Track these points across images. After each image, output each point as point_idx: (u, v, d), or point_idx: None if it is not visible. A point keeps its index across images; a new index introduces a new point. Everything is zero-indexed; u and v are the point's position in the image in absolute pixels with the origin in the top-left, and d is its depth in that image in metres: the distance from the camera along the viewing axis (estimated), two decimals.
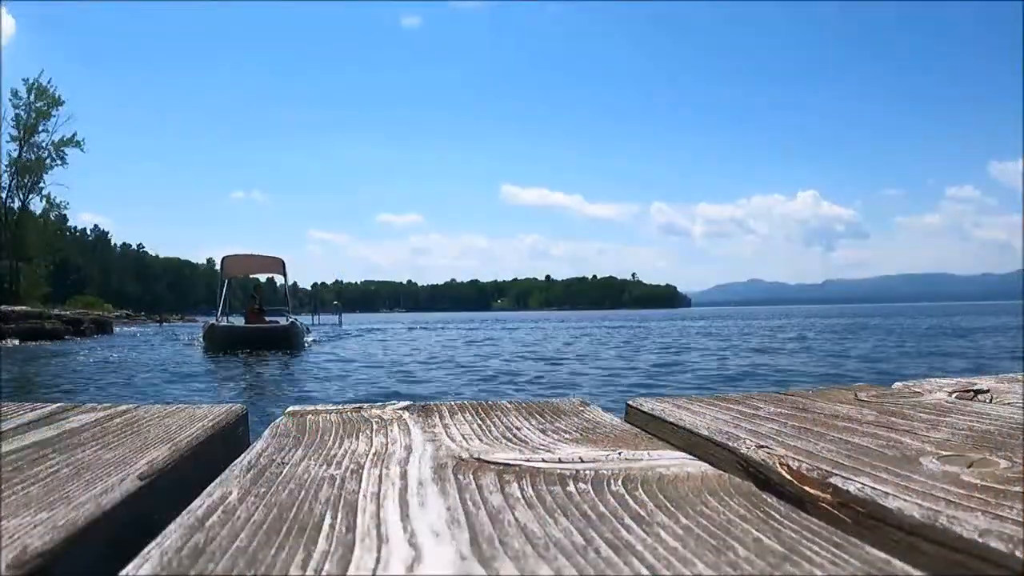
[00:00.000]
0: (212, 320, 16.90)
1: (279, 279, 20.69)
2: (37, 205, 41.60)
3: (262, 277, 21.86)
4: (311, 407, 0.87)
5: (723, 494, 0.46)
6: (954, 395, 0.86)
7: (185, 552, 0.36)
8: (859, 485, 0.47)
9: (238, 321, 17.59)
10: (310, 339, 17.10)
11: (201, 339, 16.10)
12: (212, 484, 0.50)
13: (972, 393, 0.85)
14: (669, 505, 0.44)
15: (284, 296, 19.41)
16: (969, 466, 0.50)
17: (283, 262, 18.31)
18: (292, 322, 15.61)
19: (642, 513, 0.42)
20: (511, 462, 0.56)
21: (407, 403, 0.89)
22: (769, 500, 0.45)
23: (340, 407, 0.87)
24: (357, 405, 0.89)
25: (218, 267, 18.28)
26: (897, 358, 11.84)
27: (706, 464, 0.55)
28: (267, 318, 16.61)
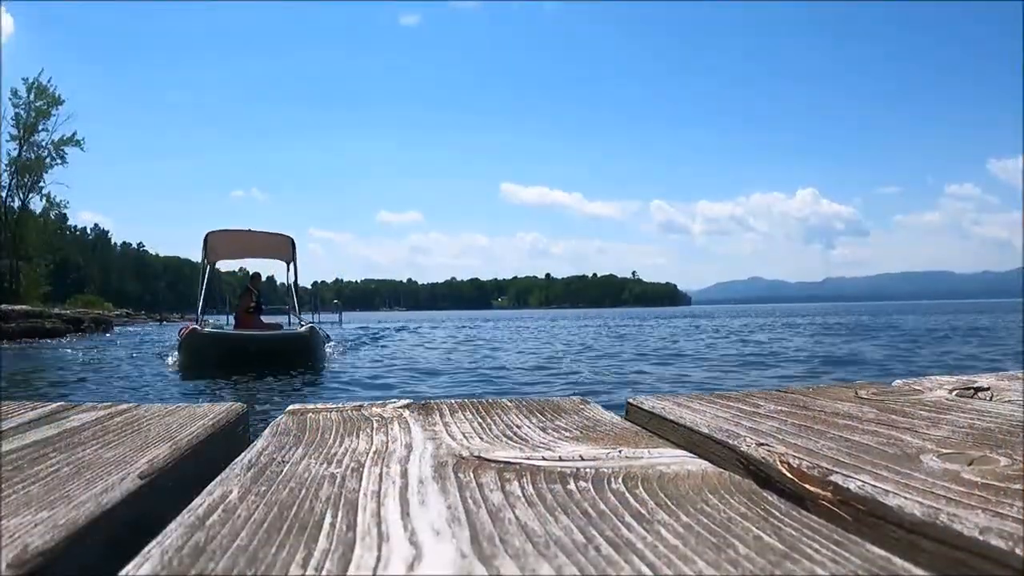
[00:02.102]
0: (192, 324, 10.83)
1: (280, 270, 13.88)
2: (37, 204, 41.65)
3: (263, 270, 14.70)
4: (311, 405, 0.87)
5: (723, 492, 0.46)
6: (954, 393, 0.86)
7: (186, 551, 0.36)
8: (859, 483, 0.47)
9: (218, 323, 12.31)
10: (332, 349, 11.88)
11: (176, 352, 10.52)
12: (212, 483, 0.50)
13: (972, 391, 0.85)
14: (669, 503, 0.44)
15: (290, 290, 13.08)
16: (969, 464, 0.50)
17: (293, 241, 12.33)
18: (311, 326, 10.55)
19: (642, 511, 0.42)
20: (511, 460, 0.56)
21: (407, 401, 0.89)
22: (769, 498, 0.45)
23: (340, 405, 0.88)
24: (358, 404, 0.89)
25: (201, 249, 11.85)
26: (897, 355, 11.85)
27: (706, 462, 0.55)
28: (264, 319, 11.68)
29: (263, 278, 12.35)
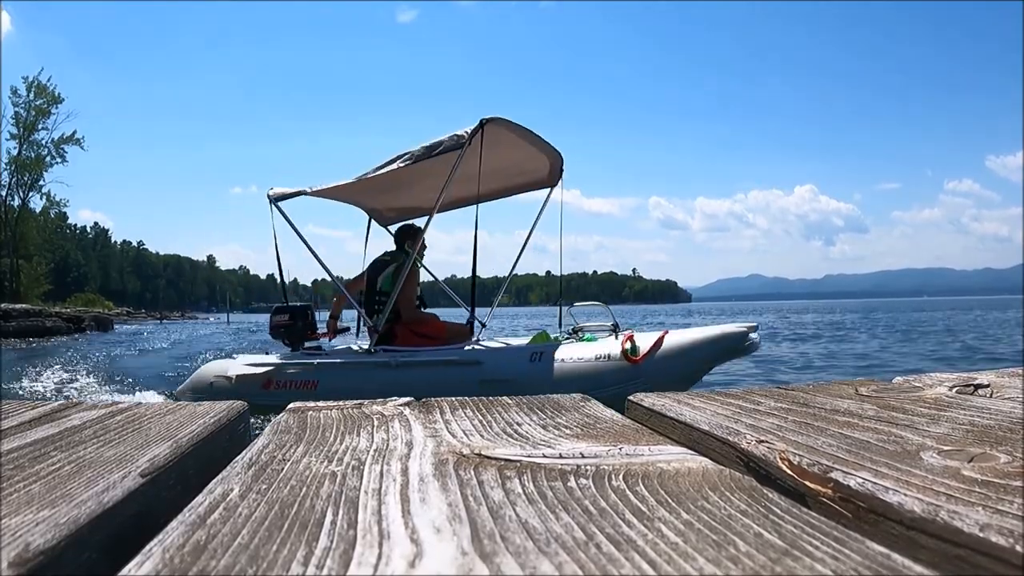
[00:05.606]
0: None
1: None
2: (37, 203, 41.69)
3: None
4: (312, 403, 0.87)
5: (724, 489, 0.46)
6: (954, 390, 0.86)
7: (187, 549, 0.36)
8: (860, 480, 0.47)
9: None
10: None
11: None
12: (214, 481, 0.50)
13: (972, 388, 0.85)
14: (670, 500, 0.44)
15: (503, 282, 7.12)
16: (970, 461, 0.50)
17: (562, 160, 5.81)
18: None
19: (643, 508, 0.42)
20: (512, 458, 0.56)
21: (408, 399, 0.89)
22: (770, 495, 0.45)
23: (341, 403, 0.88)
24: (358, 402, 0.89)
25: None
26: (897, 352, 11.83)
27: (707, 459, 0.55)
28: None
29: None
